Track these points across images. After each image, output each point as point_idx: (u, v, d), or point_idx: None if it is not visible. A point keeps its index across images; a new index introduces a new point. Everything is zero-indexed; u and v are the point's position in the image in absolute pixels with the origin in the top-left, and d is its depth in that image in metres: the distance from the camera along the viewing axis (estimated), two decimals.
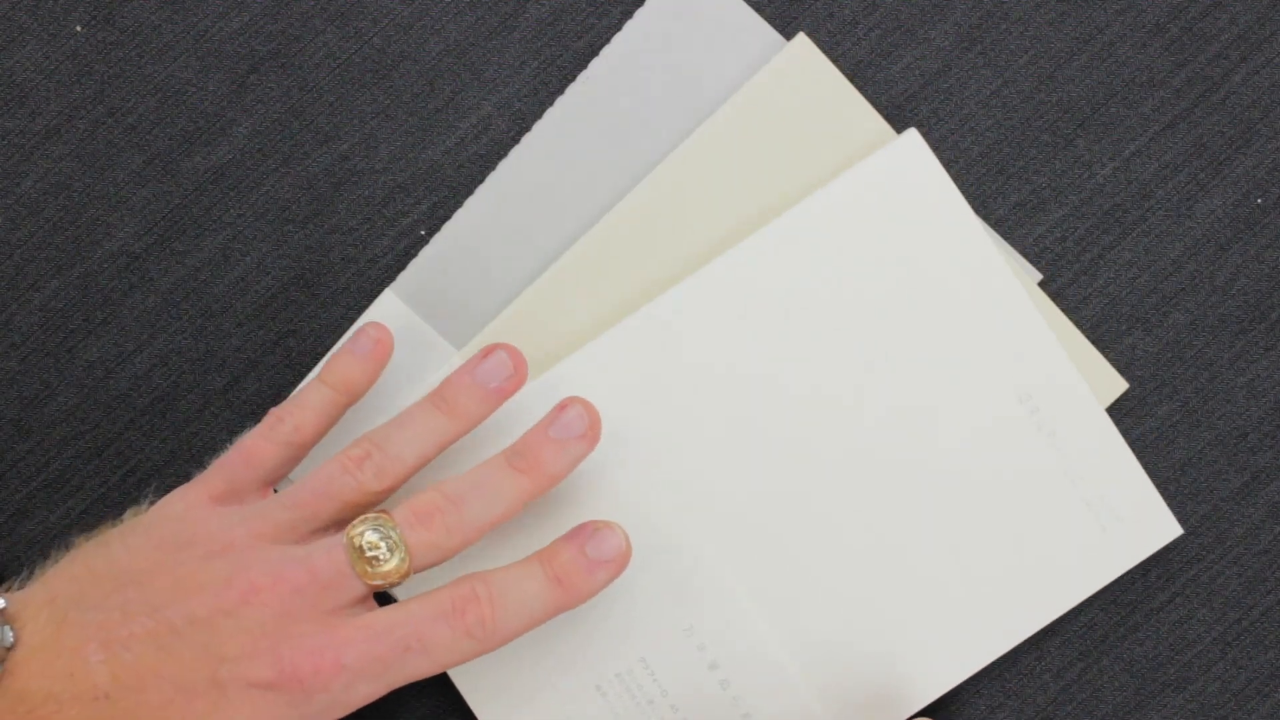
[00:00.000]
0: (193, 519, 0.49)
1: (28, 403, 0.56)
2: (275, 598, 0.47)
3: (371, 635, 0.47)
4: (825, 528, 0.54)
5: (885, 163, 0.54)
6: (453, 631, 0.48)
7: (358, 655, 0.47)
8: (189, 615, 0.46)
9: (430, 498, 0.49)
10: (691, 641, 0.54)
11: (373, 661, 0.47)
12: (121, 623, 0.46)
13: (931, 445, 0.54)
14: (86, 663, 0.45)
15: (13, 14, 0.57)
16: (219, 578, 0.47)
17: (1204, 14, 0.56)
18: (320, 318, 0.57)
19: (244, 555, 0.47)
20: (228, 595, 0.47)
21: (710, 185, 0.55)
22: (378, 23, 0.57)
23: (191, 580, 0.47)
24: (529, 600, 0.49)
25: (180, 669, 0.46)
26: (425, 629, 0.47)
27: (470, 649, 0.48)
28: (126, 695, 0.45)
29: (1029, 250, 0.56)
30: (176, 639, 0.46)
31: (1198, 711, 0.56)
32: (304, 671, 0.46)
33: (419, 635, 0.47)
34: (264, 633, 0.46)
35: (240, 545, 0.48)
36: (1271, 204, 0.56)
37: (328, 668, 0.46)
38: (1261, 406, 0.56)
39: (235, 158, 0.57)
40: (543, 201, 0.56)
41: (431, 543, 0.48)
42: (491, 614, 0.48)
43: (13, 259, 0.56)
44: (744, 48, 0.56)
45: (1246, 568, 0.56)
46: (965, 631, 0.54)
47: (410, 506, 0.49)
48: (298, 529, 0.49)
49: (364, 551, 0.48)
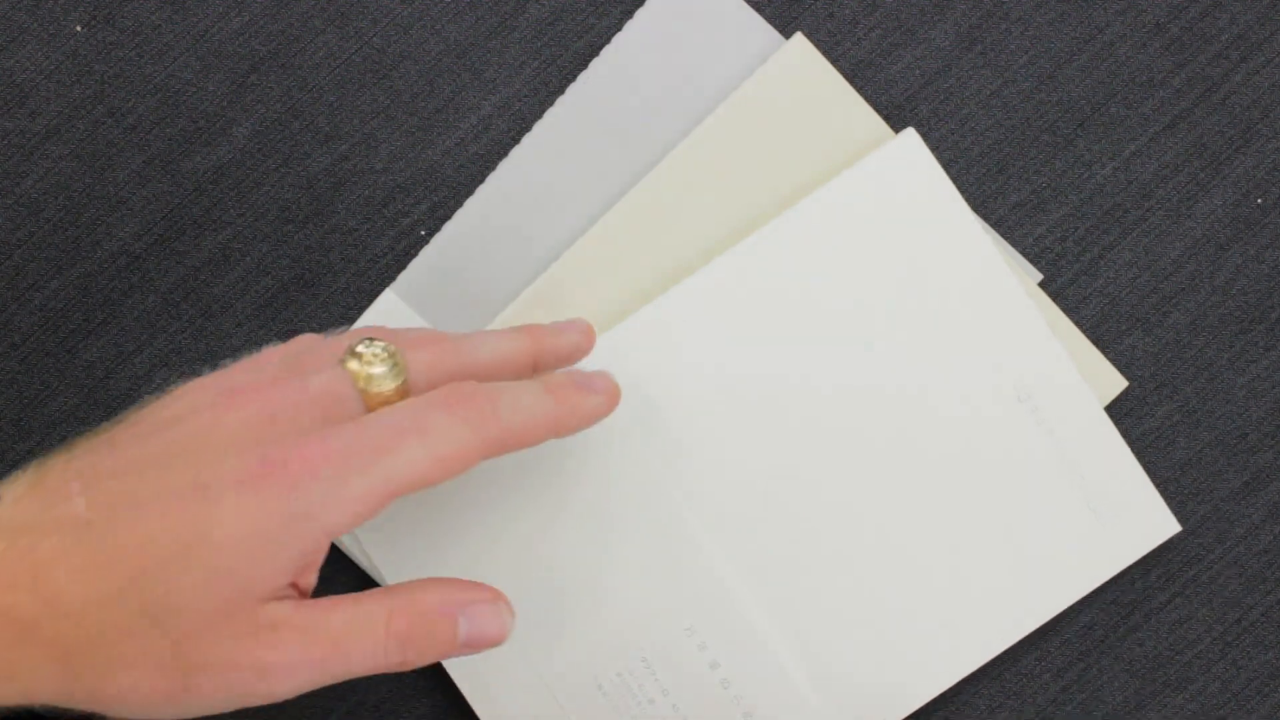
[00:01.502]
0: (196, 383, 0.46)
1: (28, 403, 0.56)
2: (263, 401, 0.44)
3: (363, 423, 0.44)
4: (826, 526, 0.54)
5: (883, 162, 0.54)
6: (450, 417, 0.44)
7: (349, 439, 0.43)
8: (176, 436, 0.43)
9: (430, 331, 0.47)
10: (692, 641, 0.54)
11: (365, 446, 0.43)
12: (106, 457, 0.43)
13: (930, 444, 0.54)
14: (67, 496, 0.42)
15: (13, 14, 0.57)
16: (208, 400, 0.44)
17: (1204, 14, 0.56)
18: (320, 318, 0.57)
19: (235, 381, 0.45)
20: (215, 409, 0.44)
21: (707, 185, 0.55)
22: (377, 23, 0.57)
23: (180, 409, 0.44)
24: (526, 402, 0.46)
25: (163, 485, 0.42)
26: (421, 415, 0.44)
27: (468, 438, 0.44)
28: (104, 517, 0.42)
29: (1029, 250, 0.56)
30: (160, 458, 0.43)
31: (1198, 711, 0.56)
32: (291, 458, 0.42)
33: (416, 422, 0.44)
34: (250, 434, 0.43)
35: (236, 379, 0.45)
36: (1271, 204, 0.56)
37: (314, 453, 0.42)
38: (1261, 406, 0.56)
39: (235, 158, 0.57)
40: (543, 201, 0.56)
41: (431, 360, 0.46)
42: (491, 404, 0.45)
43: (13, 259, 0.57)
44: (744, 47, 0.56)
45: (1246, 568, 0.56)
46: (966, 629, 0.54)
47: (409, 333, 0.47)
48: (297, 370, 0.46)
49: (361, 358, 0.45)
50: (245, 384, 0.44)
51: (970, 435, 0.54)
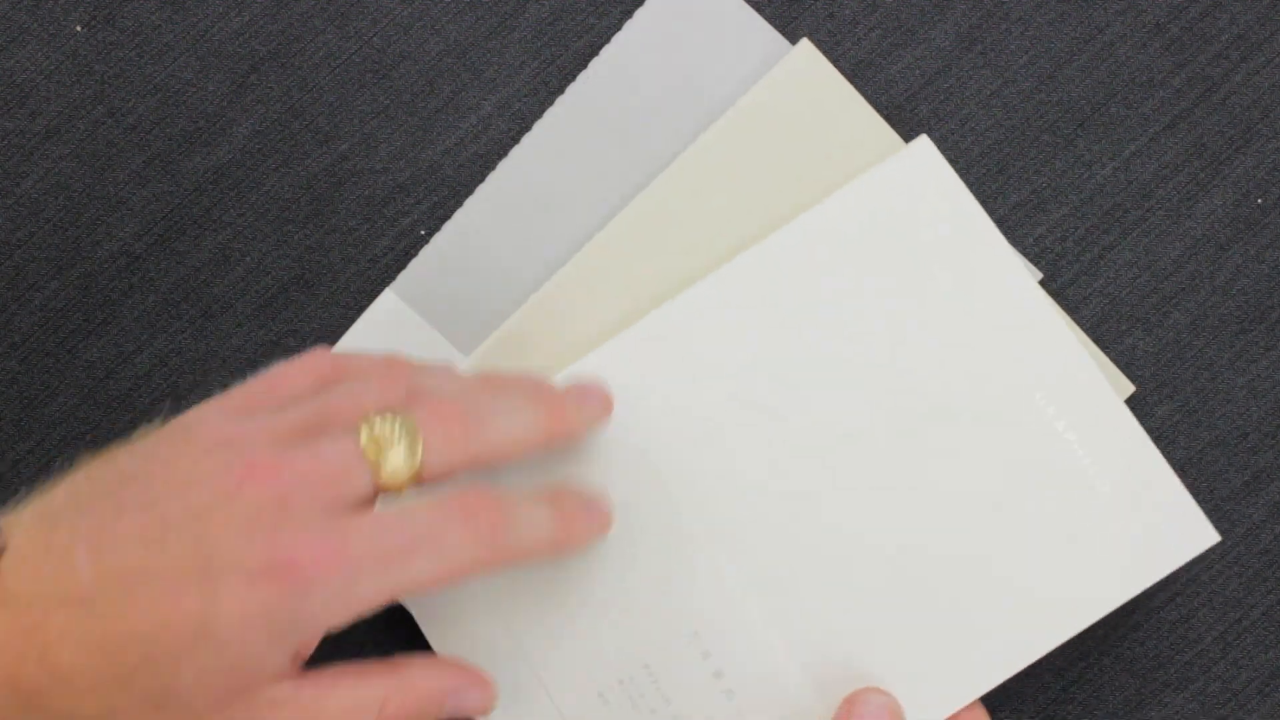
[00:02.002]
0: (203, 421, 0.45)
1: (28, 403, 0.56)
2: (275, 481, 0.43)
3: (379, 528, 0.44)
4: (838, 535, 0.54)
5: (898, 169, 0.54)
6: (464, 532, 0.45)
7: (364, 546, 0.43)
8: (184, 508, 0.43)
9: (452, 401, 0.47)
10: (696, 648, 0.54)
11: (380, 554, 0.43)
12: (113, 520, 0.43)
13: (952, 456, 0.54)
14: (73, 565, 0.42)
15: (13, 14, 0.57)
16: (218, 466, 0.43)
17: (1204, 14, 0.56)
18: (320, 318, 0.57)
19: (248, 445, 0.44)
20: (224, 480, 0.43)
21: (713, 193, 0.55)
22: (377, 23, 0.57)
23: (190, 473, 0.44)
24: (538, 522, 0.47)
25: (169, 564, 0.42)
26: (436, 527, 0.44)
27: (478, 555, 0.45)
28: (112, 596, 0.42)
29: (1029, 250, 0.56)
30: (168, 533, 0.42)
31: (1198, 711, 0.56)
32: (303, 558, 0.42)
33: (430, 533, 0.44)
34: (260, 519, 0.42)
35: (247, 437, 0.44)
36: (1271, 204, 0.56)
37: (329, 555, 0.42)
38: (1261, 406, 0.56)
39: (235, 158, 0.57)
40: (543, 201, 0.56)
41: (448, 442, 0.46)
42: (503, 522, 0.46)
43: (13, 259, 0.57)
44: (744, 47, 0.56)
45: (1246, 568, 0.56)
46: (986, 645, 0.53)
47: (430, 404, 0.46)
48: (311, 429, 0.45)
49: (376, 438, 0.45)
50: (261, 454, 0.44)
51: (994, 448, 0.53)
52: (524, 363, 0.55)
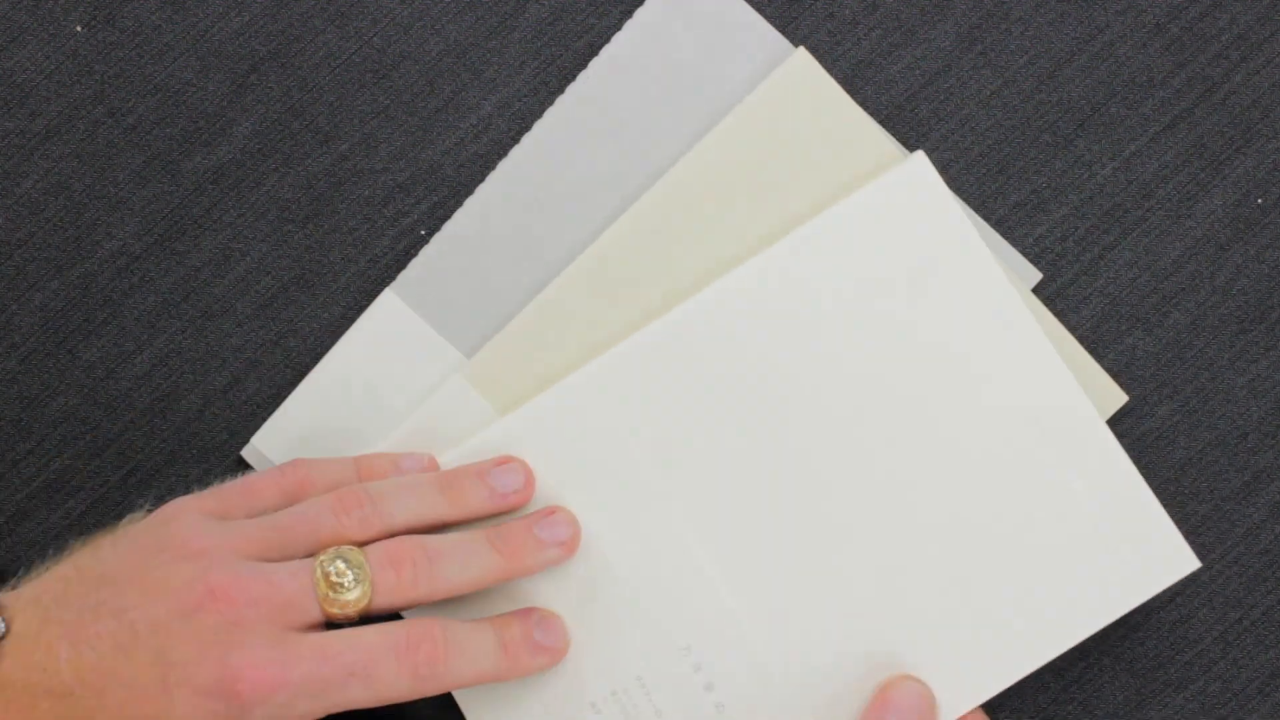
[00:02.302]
0: (176, 525, 0.50)
1: (28, 403, 0.56)
2: (231, 606, 0.48)
3: (320, 656, 0.48)
4: (829, 550, 0.54)
5: (892, 185, 0.54)
6: (399, 666, 0.49)
7: (303, 674, 0.47)
8: (149, 618, 0.47)
9: (407, 544, 0.50)
10: (687, 661, 0.53)
11: (316, 682, 0.48)
12: (91, 622, 0.48)
13: (939, 473, 0.54)
14: (56, 659, 0.47)
15: (13, 14, 0.57)
16: (183, 581, 0.48)
17: (1204, 14, 0.56)
18: (320, 318, 0.57)
19: (212, 562, 0.48)
20: (186, 598, 0.48)
21: (711, 200, 0.55)
22: (378, 23, 0.57)
23: (158, 583, 0.48)
24: (479, 656, 0.50)
25: (135, 671, 0.47)
26: (375, 659, 0.48)
27: (411, 688, 0.49)
28: (87, 694, 0.47)
29: (1029, 250, 0.56)
30: (135, 641, 0.47)
31: (1198, 711, 0.56)
32: (245, 682, 0.47)
33: (366, 664, 0.48)
34: (215, 640, 0.47)
35: (212, 552, 0.49)
36: (1271, 204, 0.56)
37: (270, 681, 0.47)
38: (1261, 406, 0.56)
39: (235, 158, 0.57)
40: (542, 201, 0.56)
41: (397, 586, 0.50)
42: (444, 657, 0.49)
43: (13, 259, 0.57)
44: (744, 47, 0.56)
45: (1246, 568, 0.56)
46: (971, 660, 0.53)
47: (385, 548, 0.50)
48: (271, 550, 0.50)
49: (329, 577, 0.49)
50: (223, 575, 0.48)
51: (978, 462, 0.54)
52: (522, 366, 0.55)
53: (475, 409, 0.55)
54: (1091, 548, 0.53)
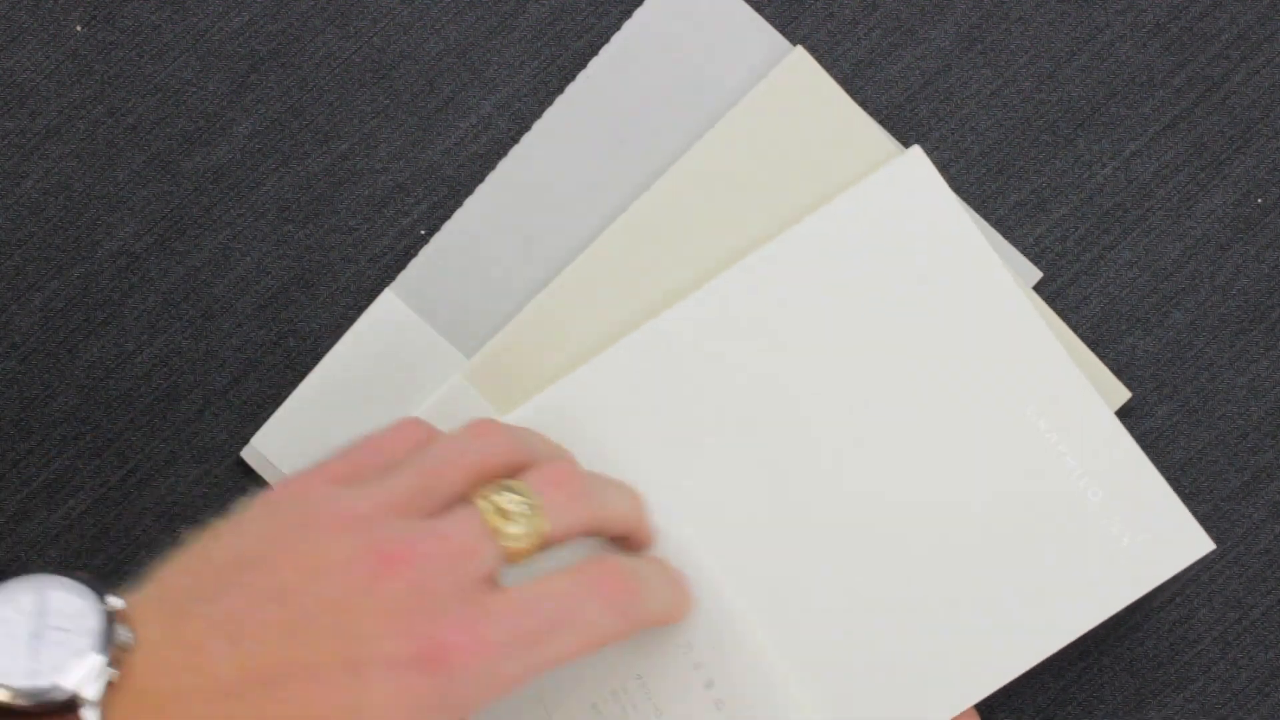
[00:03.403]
0: (312, 497, 0.45)
1: (28, 403, 0.56)
2: (410, 570, 0.43)
3: (519, 608, 0.44)
4: (832, 546, 0.54)
5: (889, 180, 0.54)
6: (602, 604, 0.45)
7: (506, 629, 0.43)
8: (319, 597, 0.42)
9: (561, 465, 0.47)
10: (688, 660, 0.53)
11: (522, 636, 0.43)
12: (247, 610, 0.42)
13: (942, 465, 0.54)
14: (211, 657, 0.41)
15: (13, 14, 0.57)
16: (347, 553, 0.43)
17: (1204, 14, 0.56)
18: (320, 318, 0.57)
19: (372, 528, 0.44)
20: (359, 571, 0.43)
21: (706, 202, 0.55)
22: (378, 23, 0.57)
23: (318, 559, 0.43)
24: (660, 592, 0.48)
25: (312, 655, 0.42)
26: (576, 601, 0.45)
27: (614, 628, 0.45)
28: (258, 690, 0.41)
29: (1029, 250, 0.56)
30: (306, 624, 0.42)
31: (1198, 711, 0.56)
32: (449, 646, 0.42)
33: (569, 608, 0.44)
34: (402, 609, 0.42)
35: (366, 517, 0.44)
36: (1271, 204, 0.56)
37: (475, 644, 0.42)
38: (1261, 406, 0.56)
39: (235, 158, 0.57)
40: (543, 201, 0.56)
41: (567, 505, 0.46)
42: (638, 590, 0.46)
43: (13, 259, 0.57)
44: (744, 47, 0.56)
45: (1246, 568, 0.56)
46: (979, 653, 0.53)
47: (540, 470, 0.46)
48: (423, 498, 0.45)
49: (500, 508, 0.45)
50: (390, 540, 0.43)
51: (983, 456, 0.54)
52: (523, 366, 0.55)
53: (476, 409, 0.55)
54: (1101, 535, 0.53)
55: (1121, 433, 0.53)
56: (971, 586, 0.53)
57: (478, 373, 0.55)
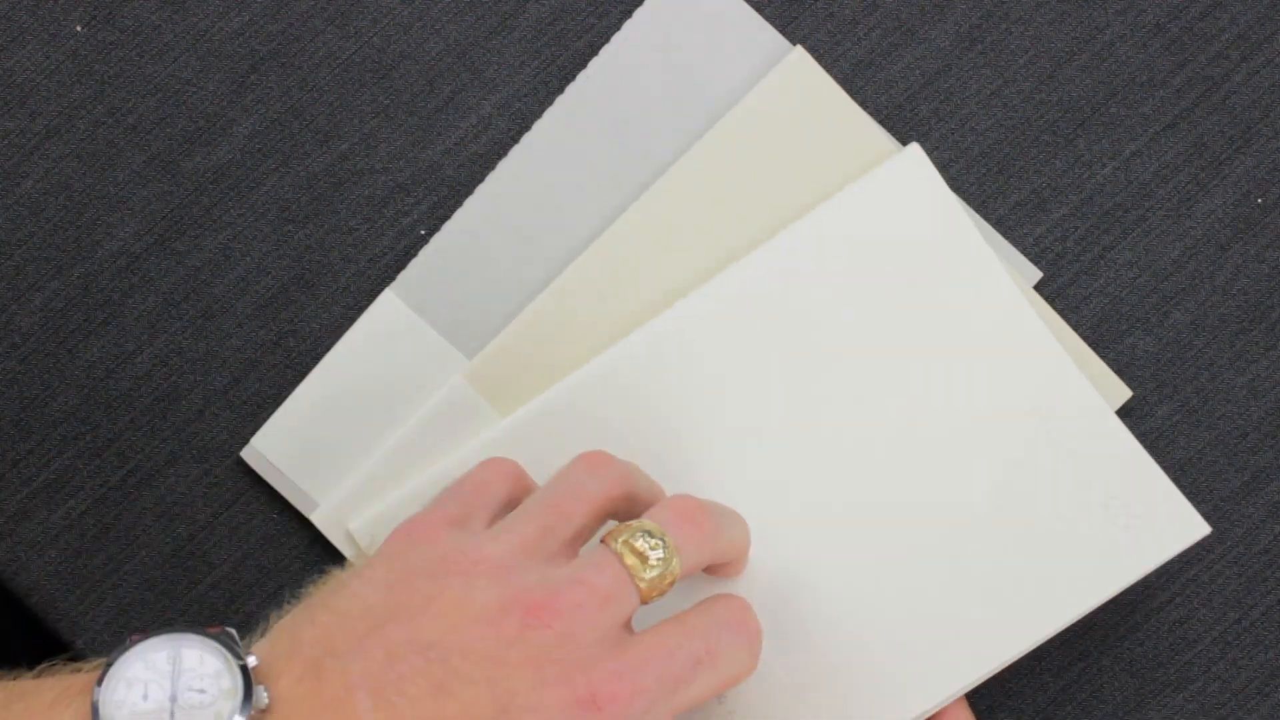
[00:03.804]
0: (437, 543, 0.44)
1: (28, 403, 0.56)
2: (558, 620, 0.42)
3: (665, 652, 0.44)
4: (832, 541, 0.54)
5: (888, 178, 0.54)
6: (736, 640, 0.45)
7: (656, 675, 0.43)
8: (465, 649, 0.42)
9: (684, 502, 0.47)
10: None
11: (668, 680, 0.43)
12: (388, 665, 0.41)
13: (941, 461, 0.54)
14: (355, 714, 0.40)
15: (13, 14, 0.57)
16: (491, 604, 0.42)
17: (1204, 14, 0.56)
18: (320, 318, 0.57)
19: (510, 575, 0.43)
20: (505, 622, 0.42)
21: (707, 203, 0.55)
22: (378, 23, 0.57)
23: (458, 608, 0.42)
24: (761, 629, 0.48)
25: (464, 710, 0.41)
26: (713, 640, 0.45)
27: (748, 664, 0.46)
28: None
29: (1029, 250, 0.56)
30: (455, 677, 0.41)
31: (1198, 711, 0.56)
32: (602, 697, 0.42)
33: (708, 647, 0.45)
34: (551, 659, 0.42)
35: (500, 562, 0.43)
36: (1271, 204, 0.56)
37: (625, 689, 0.42)
38: (1261, 406, 0.56)
39: (235, 158, 0.57)
40: (543, 201, 0.56)
41: (698, 541, 0.46)
42: (758, 626, 0.47)
43: (13, 259, 0.57)
44: (744, 47, 0.56)
45: (1246, 568, 0.56)
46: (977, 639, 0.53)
47: (669, 505, 0.47)
48: (550, 538, 0.45)
49: (637, 553, 0.45)
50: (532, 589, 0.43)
51: (982, 451, 0.54)
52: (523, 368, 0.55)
53: (477, 411, 0.55)
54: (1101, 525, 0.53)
55: (1117, 424, 0.54)
56: (971, 578, 0.53)
57: (478, 374, 0.55)
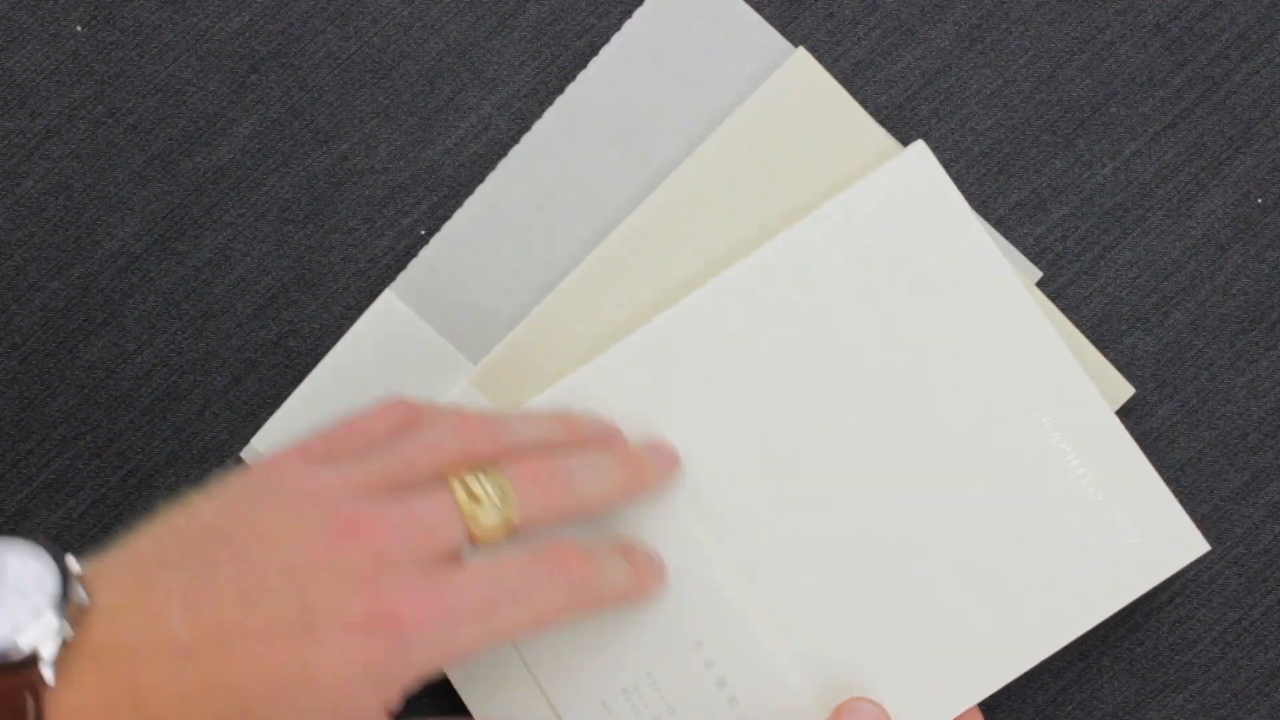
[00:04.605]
0: (284, 473, 0.46)
1: (28, 403, 0.56)
2: (373, 539, 0.44)
3: (476, 580, 0.45)
4: (838, 543, 0.54)
5: (893, 175, 0.54)
6: (555, 581, 0.47)
7: (461, 598, 0.44)
8: (279, 564, 0.43)
9: (539, 457, 0.48)
10: (699, 656, 0.53)
11: (475, 606, 0.45)
12: (206, 577, 0.43)
13: (945, 462, 0.54)
14: (169, 619, 0.42)
15: (13, 14, 0.57)
16: (312, 524, 0.44)
17: (1204, 14, 0.56)
18: (320, 318, 0.57)
19: (339, 502, 0.45)
20: (321, 539, 0.44)
21: (711, 204, 0.55)
22: (378, 23, 0.57)
23: (281, 528, 0.44)
24: (617, 573, 0.49)
25: (269, 619, 0.43)
26: (531, 577, 0.46)
27: (566, 604, 0.47)
28: (210, 650, 0.42)
29: (1029, 250, 0.56)
30: (265, 590, 0.43)
31: (1198, 711, 0.56)
32: (403, 613, 0.43)
33: (525, 583, 0.46)
34: (361, 576, 0.43)
35: (335, 492, 0.45)
36: (1271, 204, 0.56)
37: (429, 610, 0.44)
38: (1261, 406, 0.56)
39: (235, 158, 0.57)
40: (543, 201, 0.56)
41: (540, 498, 0.47)
42: (594, 570, 0.48)
43: (13, 259, 0.57)
44: (743, 47, 0.56)
45: (1246, 568, 0.56)
46: (982, 652, 0.53)
47: (519, 462, 0.48)
48: (394, 478, 0.46)
49: (471, 492, 0.46)
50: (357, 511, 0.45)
51: (985, 453, 0.54)
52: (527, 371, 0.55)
53: None
54: (1100, 534, 0.53)
55: (1121, 432, 0.54)
56: (974, 584, 0.53)
57: (483, 378, 0.55)
